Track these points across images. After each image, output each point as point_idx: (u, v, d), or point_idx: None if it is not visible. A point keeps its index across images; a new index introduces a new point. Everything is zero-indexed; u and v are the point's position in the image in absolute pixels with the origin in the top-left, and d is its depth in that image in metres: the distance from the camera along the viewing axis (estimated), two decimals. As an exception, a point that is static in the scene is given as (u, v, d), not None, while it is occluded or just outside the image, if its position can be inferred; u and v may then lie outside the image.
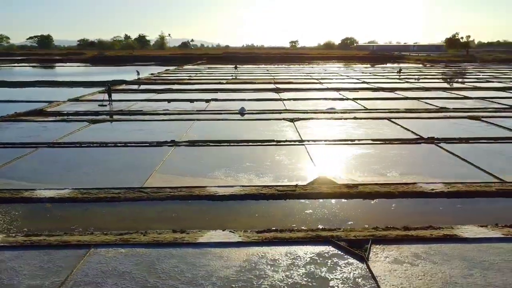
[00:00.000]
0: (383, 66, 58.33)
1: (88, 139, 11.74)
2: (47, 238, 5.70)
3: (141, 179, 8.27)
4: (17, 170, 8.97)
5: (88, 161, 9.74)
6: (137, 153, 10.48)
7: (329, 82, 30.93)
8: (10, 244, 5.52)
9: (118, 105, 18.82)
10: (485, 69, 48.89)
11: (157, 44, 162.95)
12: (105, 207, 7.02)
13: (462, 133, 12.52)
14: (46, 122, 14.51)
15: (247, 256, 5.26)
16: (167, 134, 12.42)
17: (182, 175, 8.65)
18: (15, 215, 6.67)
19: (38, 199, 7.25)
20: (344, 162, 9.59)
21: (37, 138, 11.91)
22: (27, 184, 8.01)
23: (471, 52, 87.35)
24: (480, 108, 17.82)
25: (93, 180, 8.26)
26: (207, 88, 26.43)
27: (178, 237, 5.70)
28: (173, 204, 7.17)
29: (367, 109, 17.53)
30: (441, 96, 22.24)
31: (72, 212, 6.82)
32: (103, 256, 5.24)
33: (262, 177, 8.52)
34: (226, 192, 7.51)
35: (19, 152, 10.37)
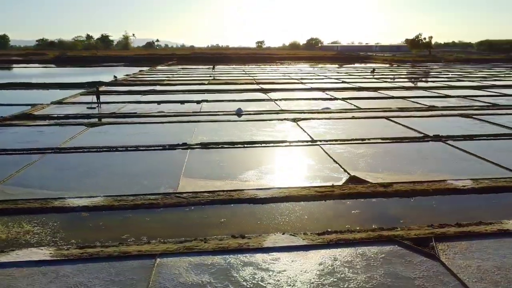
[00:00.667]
0: (354, 66, 59.62)
1: (94, 143, 11.27)
2: (104, 249, 5.41)
3: (171, 184, 8.03)
4: (32, 177, 8.47)
5: (104, 166, 9.33)
6: (153, 157, 10.16)
7: (310, 82, 31.23)
8: (66, 258, 5.20)
9: (107, 107, 18.18)
10: (451, 68, 51.04)
11: (121, 44, 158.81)
12: (146, 214, 6.75)
13: (462, 131, 13.01)
14: (40, 127, 13.79)
15: (319, 259, 5.22)
16: (175, 137, 12.12)
17: (209, 178, 8.46)
18: (54, 226, 6.28)
19: (71, 208, 6.88)
20: (365, 161, 9.70)
21: (38, 143, 11.27)
22: (50, 192, 7.58)
23: (433, 52, 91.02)
24: (466, 106, 18.58)
25: (118, 187, 7.93)
26: (192, 89, 26.01)
27: (242, 243, 5.57)
28: (216, 209, 7.00)
29: (361, 109, 17.85)
30: (423, 95, 22.98)
31: (113, 221, 6.51)
32: (173, 266, 5.04)
33: (292, 178, 8.49)
34: (266, 195, 7.42)
35: (25, 158, 9.80)
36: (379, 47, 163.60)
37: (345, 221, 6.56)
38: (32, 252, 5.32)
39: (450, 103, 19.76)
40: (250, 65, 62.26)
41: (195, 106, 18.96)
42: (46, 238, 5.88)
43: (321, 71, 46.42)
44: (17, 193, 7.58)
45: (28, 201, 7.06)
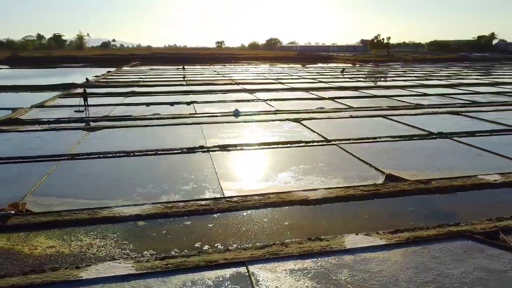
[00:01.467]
0: (321, 66, 60.71)
1: (105, 148, 10.78)
2: (186, 259, 5.20)
3: (214, 188, 7.86)
4: (59, 186, 7.97)
5: (132, 172, 8.94)
6: (177, 161, 9.87)
7: (288, 82, 31.46)
8: (152, 270, 4.95)
9: (95, 110, 17.42)
10: (413, 67, 53.25)
11: (75, 44, 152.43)
12: (204, 220, 6.56)
13: (460, 127, 13.65)
14: (35, 132, 12.99)
15: (407, 257, 5.31)
16: (186, 140, 11.88)
17: (248, 180, 8.36)
18: (115, 237, 5.95)
19: (124, 217, 6.55)
20: (388, 159, 9.93)
21: (45, 150, 10.62)
22: (87, 201, 7.19)
23: (391, 52, 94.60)
24: (449, 104, 19.50)
25: (160, 192, 7.66)
26: (174, 90, 25.45)
27: (324, 245, 5.55)
28: (271, 212, 6.93)
29: (354, 108, 18.23)
30: (403, 93, 23.82)
31: (174, 229, 6.27)
32: (270, 272, 4.94)
33: (331, 178, 8.55)
34: (316, 196, 7.43)
35: (41, 167, 9.23)
36: (336, 47, 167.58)
37: (405, 218, 6.71)
38: (111, 266, 5.02)
39: (432, 101, 20.62)
40: (217, 65, 61.83)
41: (186, 107, 18.61)
42: (114, 250, 5.56)
43: (292, 71, 46.90)
44: (53, 203, 7.12)
45: (73, 212, 6.65)
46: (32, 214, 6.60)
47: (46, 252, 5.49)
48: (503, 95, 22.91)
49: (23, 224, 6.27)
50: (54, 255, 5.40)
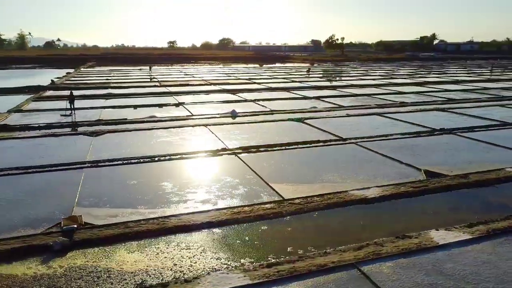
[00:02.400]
0: (282, 65, 61.43)
1: (121, 154, 10.27)
2: (293, 265, 5.10)
3: (267, 191, 7.75)
4: (101, 196, 7.48)
5: (169, 177, 8.56)
6: (209, 164, 9.64)
7: (262, 82, 31.54)
8: (268, 278, 4.80)
9: (82, 114, 16.48)
10: (372, 67, 55.30)
11: (15, 44, 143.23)
12: (279, 224, 6.47)
13: (456, 123, 14.40)
14: (33, 139, 12.08)
15: (498, 248, 5.53)
16: (201, 142, 11.61)
17: (295, 182, 8.30)
18: (200, 246, 5.69)
19: (196, 225, 6.30)
20: (413, 155, 10.25)
21: (56, 158, 9.91)
22: (142, 210, 6.84)
23: (344, 52, 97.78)
24: (429, 101, 20.48)
25: (215, 197, 7.45)
26: (153, 91, 24.67)
27: (416, 242, 5.65)
28: (338, 212, 6.95)
29: (345, 107, 18.65)
30: (380, 92, 24.73)
31: (253, 234, 6.11)
32: (383, 271, 4.96)
33: (373, 176, 8.68)
34: (373, 194, 7.54)
35: (67, 176, 8.66)
36: (287, 47, 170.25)
37: (466, 211, 7.00)
38: (223, 277, 4.81)
39: (412, 99, 21.55)
40: (178, 65, 60.70)
41: (177, 109, 18.15)
42: (209, 260, 5.33)
43: (259, 71, 47.07)
44: (107, 214, 6.68)
45: (140, 223, 6.28)
46: (96, 227, 6.14)
47: (137, 267, 5.14)
48: (470, 92, 24.43)
49: (91, 238, 5.83)
50: (148, 270, 5.07)
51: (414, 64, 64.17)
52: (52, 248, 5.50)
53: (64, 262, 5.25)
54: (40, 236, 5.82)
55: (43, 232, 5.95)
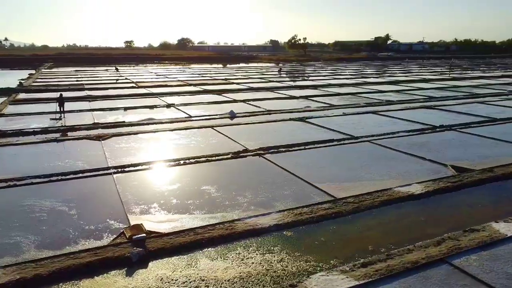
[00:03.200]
0: (249, 65, 61.49)
1: (142, 159, 9.91)
2: (385, 263, 5.15)
3: (316, 191, 7.77)
4: (149, 202, 7.17)
5: (204, 181, 8.35)
6: (238, 166, 9.47)
7: (240, 82, 31.42)
8: (371, 278, 4.82)
9: (74, 117, 15.70)
10: (338, 66, 56.60)
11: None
12: (344, 223, 6.50)
13: (449, 120, 15.04)
14: (35, 145, 11.38)
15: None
16: (216, 144, 11.42)
17: (337, 181, 8.37)
18: (278, 249, 5.60)
19: (265, 229, 6.20)
20: (430, 151, 10.60)
21: (72, 163, 9.41)
22: (191, 215, 6.63)
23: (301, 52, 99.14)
24: (413, 99, 21.30)
25: (266, 200, 7.36)
26: (134, 93, 23.90)
27: (486, 235, 5.88)
28: (392, 209, 7.10)
29: (336, 106, 18.98)
30: (362, 90, 25.40)
31: (326, 234, 6.11)
32: (475, 266, 5.12)
33: (404, 172, 8.90)
34: (419, 190, 7.75)
35: (95, 182, 8.30)
36: (247, 47, 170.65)
37: (508, 203, 7.34)
38: (327, 280, 4.77)
39: (394, 97, 22.31)
40: (142, 65, 59.20)
41: (168, 110, 17.72)
42: (300, 264, 5.26)
43: (231, 71, 46.86)
44: (160, 220, 6.41)
45: (207, 228, 6.09)
46: (164, 235, 5.89)
47: (230, 274, 4.99)
48: (445, 90, 25.63)
49: (165, 247, 5.58)
50: (243, 277, 4.93)
51: (376, 63, 66.43)
52: (130, 259, 5.21)
53: (150, 273, 5.00)
54: (110, 247, 5.49)
55: (111, 243, 5.62)
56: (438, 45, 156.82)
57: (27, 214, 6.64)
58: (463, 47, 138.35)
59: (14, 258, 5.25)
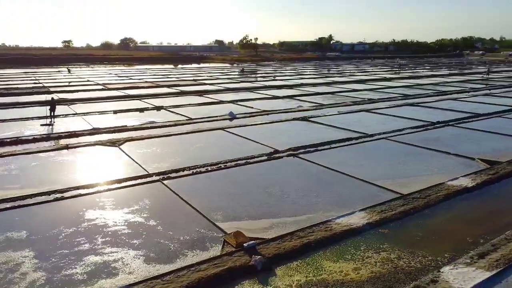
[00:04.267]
0: (202, 66, 60.89)
1: (175, 163, 9.57)
2: (501, 253, 5.45)
3: (377, 189, 7.96)
4: (221, 208, 6.97)
5: (262, 184, 8.26)
6: (279, 167, 9.44)
7: (213, 83, 31.10)
8: (498, 268, 5.08)
9: (65, 123, 14.73)
10: (295, 66, 57.65)
11: None
12: (423, 217, 6.75)
13: (440, 117, 15.95)
14: (47, 153, 10.54)
15: None
16: (241, 147, 11.30)
17: (384, 178, 8.61)
18: (390, 246, 5.71)
19: (360, 228, 6.27)
20: (447, 146, 11.20)
21: (106, 172, 8.89)
22: (277, 220, 6.59)
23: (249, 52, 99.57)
24: (391, 98, 22.35)
25: (338, 199, 7.43)
26: (110, 95, 22.85)
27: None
28: (457, 201, 7.46)
29: (326, 105, 19.43)
30: (338, 90, 26.14)
31: (416, 229, 6.31)
32: None
33: (435, 167, 9.39)
34: (467, 184, 8.22)
35: (150, 190, 7.87)
36: (193, 47, 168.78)
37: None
38: (460, 272, 4.95)
39: (372, 95, 23.24)
40: (93, 66, 56.51)
41: (160, 113, 17.18)
42: (420, 259, 5.40)
43: (192, 71, 46.12)
44: (260, 226, 6.29)
45: (306, 231, 6.06)
46: (269, 240, 5.77)
47: (368, 274, 5.02)
48: (414, 88, 27.13)
49: (280, 253, 5.47)
50: (377, 276, 4.98)
51: (328, 62, 68.64)
52: (255, 267, 5.06)
53: (285, 280, 4.89)
54: (226, 257, 5.29)
55: (224, 253, 5.41)
56: (378, 45, 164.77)
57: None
58: (400, 47, 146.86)
59: (129, 276, 4.89)
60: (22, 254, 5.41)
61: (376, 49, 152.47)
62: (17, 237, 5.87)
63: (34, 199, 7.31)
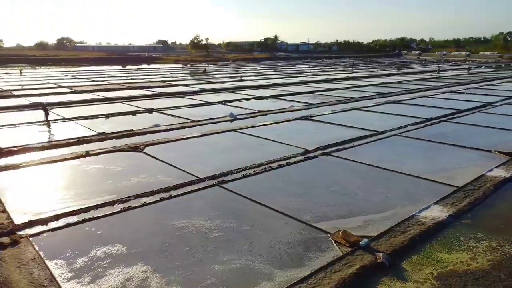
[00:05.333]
0: (163, 67, 59.45)
1: (218, 167, 9.40)
2: None
3: (431, 183, 8.37)
4: (299, 209, 6.99)
5: (320, 183, 8.38)
6: (326, 166, 9.59)
7: (184, 84, 30.54)
8: None
9: (58, 128, 13.83)
10: (254, 66, 58.00)
11: None
12: (501, 205, 7.22)
13: (430, 113, 16.91)
14: (70, 161, 9.84)
15: None
16: (267, 147, 11.34)
17: (427, 172, 9.06)
18: (481, 237, 6.09)
19: (445, 220, 6.59)
20: (456, 140, 12.01)
21: (156, 180, 8.54)
22: (363, 218, 6.77)
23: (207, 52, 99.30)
24: (369, 96, 23.31)
25: (404, 196, 7.73)
26: (86, 98, 21.68)
27: None
28: (506, 191, 8.06)
29: (315, 104, 19.87)
30: (316, 89, 26.76)
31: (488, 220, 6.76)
32: None
33: (454, 160, 10.05)
34: (508, 174, 8.87)
35: (209, 194, 7.66)
36: (136, 47, 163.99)
37: None
38: None
39: (350, 94, 24.05)
40: (38, 68, 53.03)
41: (152, 116, 16.67)
42: (517, 245, 5.81)
43: (152, 72, 44.80)
44: (353, 225, 6.40)
45: (402, 226, 6.26)
46: (375, 237, 5.90)
47: (487, 263, 5.30)
48: (381, 87, 28.45)
49: (396, 249, 5.63)
50: (505, 262, 5.31)
51: (282, 62, 69.85)
52: (384, 265, 5.18)
53: (419, 274, 5.04)
54: (349, 256, 5.34)
55: (346, 253, 5.46)
56: (321, 46, 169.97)
57: (201, 235, 5.97)
58: (342, 48, 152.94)
59: (272, 283, 4.79)
60: (138, 269, 5.08)
61: (320, 49, 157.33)
62: (116, 251, 5.49)
63: (107, 209, 6.84)
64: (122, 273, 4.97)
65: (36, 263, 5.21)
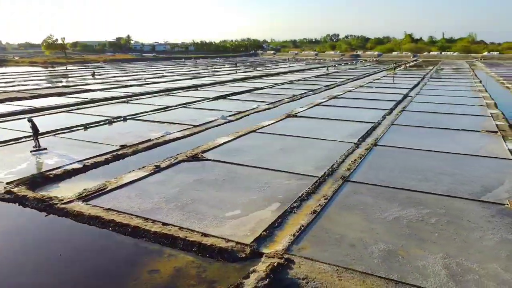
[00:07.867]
0: (25, 71, 51.55)
1: (312, 166, 9.76)
2: None
3: (491, 164, 10.31)
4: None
5: (413, 172, 9.51)
6: (394, 155, 10.71)
7: (99, 89, 27.67)
8: None
9: (51, 143, 11.82)
10: (131, 67, 54.71)
11: None
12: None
13: (380, 105, 19.58)
14: (146, 179, 8.82)
15: None
16: (309, 143, 11.95)
17: (470, 153, 11.06)
18: None
19: None
20: (445, 124, 14.55)
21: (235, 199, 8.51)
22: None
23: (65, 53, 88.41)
24: (315, 90, 25.23)
25: (489, 171, 9.42)
26: (15, 110, 18.16)
27: None
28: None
29: (274, 102, 20.71)
30: (260, 85, 27.36)
31: None
32: None
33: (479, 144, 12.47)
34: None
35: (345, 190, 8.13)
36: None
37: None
38: None
39: (294, 91, 25.26)
40: None
41: (129, 124, 15.36)
42: None
43: (23, 76, 38.67)
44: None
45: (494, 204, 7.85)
46: None
47: None
48: (296, 84, 30.78)
49: None
50: None
51: (157, 63, 67.20)
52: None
53: None
54: None
55: None
56: (179, 46, 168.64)
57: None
58: (198, 48, 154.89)
59: None
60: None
61: (177, 49, 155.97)
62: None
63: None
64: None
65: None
